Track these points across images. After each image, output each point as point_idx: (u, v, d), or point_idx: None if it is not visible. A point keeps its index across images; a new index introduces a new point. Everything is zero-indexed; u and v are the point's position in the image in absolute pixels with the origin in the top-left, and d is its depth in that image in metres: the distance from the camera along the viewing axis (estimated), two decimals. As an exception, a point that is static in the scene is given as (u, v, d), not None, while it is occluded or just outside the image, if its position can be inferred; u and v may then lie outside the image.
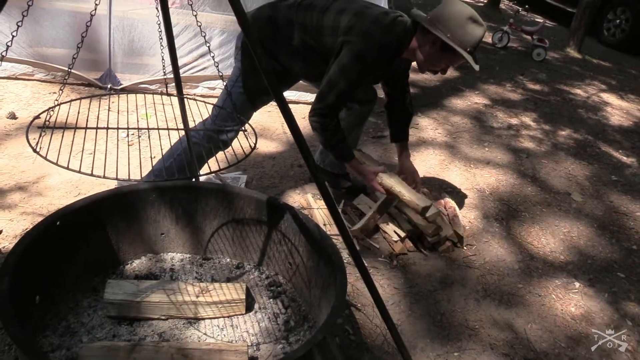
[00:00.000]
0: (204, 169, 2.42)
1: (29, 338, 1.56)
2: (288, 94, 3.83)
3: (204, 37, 1.58)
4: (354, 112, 2.77)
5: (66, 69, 3.57)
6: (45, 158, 1.26)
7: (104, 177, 1.24)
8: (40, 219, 2.19)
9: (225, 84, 2.01)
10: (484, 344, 2.14)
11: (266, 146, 3.40)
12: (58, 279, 1.77)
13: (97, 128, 1.55)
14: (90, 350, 1.55)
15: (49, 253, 1.69)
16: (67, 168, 1.18)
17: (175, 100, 2.05)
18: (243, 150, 1.48)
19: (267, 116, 3.80)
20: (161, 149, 2.16)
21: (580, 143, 4.33)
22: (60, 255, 1.75)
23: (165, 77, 2.21)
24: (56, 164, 1.21)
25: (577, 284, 2.59)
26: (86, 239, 1.86)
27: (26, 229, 2.31)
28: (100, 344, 1.59)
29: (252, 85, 2.29)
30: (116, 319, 1.77)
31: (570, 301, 2.47)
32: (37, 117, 1.49)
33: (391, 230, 2.59)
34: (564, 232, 3.02)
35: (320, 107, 2.19)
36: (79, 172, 1.25)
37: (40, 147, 1.31)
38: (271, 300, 1.97)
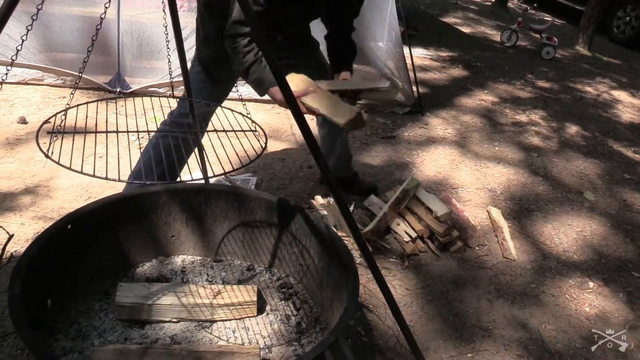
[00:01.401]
0: (211, 172, 2.40)
1: (41, 342, 1.56)
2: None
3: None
4: (327, 123, 2.61)
5: (75, 73, 3.60)
6: (57, 163, 1.26)
7: (119, 180, 1.24)
8: (51, 222, 2.19)
9: (235, 85, 1.99)
10: (497, 345, 2.11)
11: (275, 148, 3.40)
12: (69, 283, 1.77)
13: (107, 132, 1.55)
14: (102, 353, 1.54)
15: (60, 256, 1.69)
16: (81, 172, 1.18)
17: (184, 102, 2.05)
18: (255, 151, 1.47)
19: (275, 117, 3.80)
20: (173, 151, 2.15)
21: (591, 141, 4.29)
22: (71, 258, 1.75)
23: (172, 80, 2.21)
24: (69, 168, 1.21)
25: (591, 284, 2.56)
26: (97, 242, 1.86)
27: (37, 233, 2.32)
28: (112, 347, 1.59)
29: (206, 56, 2.20)
30: (127, 322, 1.77)
31: (585, 301, 2.44)
32: (47, 121, 1.50)
33: (402, 230, 2.57)
34: (577, 231, 2.99)
35: (227, 26, 1.95)
36: (94, 175, 1.24)
37: (52, 152, 1.31)
38: (283, 302, 1.95)
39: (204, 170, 2.28)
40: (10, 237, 2.11)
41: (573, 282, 2.55)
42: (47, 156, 1.31)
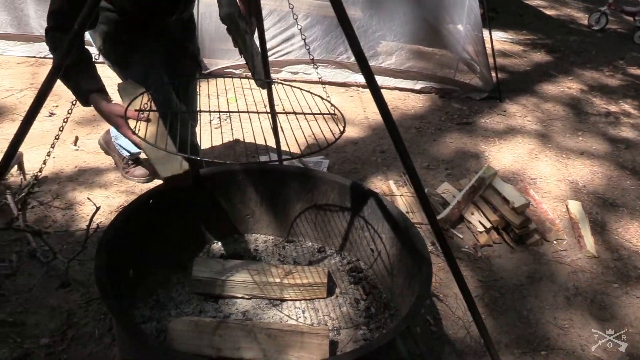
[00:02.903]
0: (286, 154, 2.42)
1: (124, 309, 1.64)
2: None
3: (296, 19, 1.58)
4: None
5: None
6: (144, 140, 1.30)
7: (200, 159, 1.27)
8: (133, 197, 2.29)
9: (315, 67, 1.94)
10: (574, 345, 2.02)
11: (348, 131, 3.38)
12: (149, 255, 1.85)
13: (188, 112, 1.59)
14: (179, 324, 1.60)
15: (141, 230, 1.76)
16: (165, 150, 1.22)
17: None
18: (333, 134, 1.46)
19: (349, 101, 3.78)
20: (252, 132, 2.16)
21: (687, 134, 3.98)
22: (151, 232, 1.82)
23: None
24: (155, 145, 1.25)
25: (681, 287, 2.39)
26: (176, 218, 1.92)
27: (120, 206, 2.44)
28: (188, 319, 1.65)
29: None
30: (202, 296, 1.83)
31: (673, 305, 2.29)
32: (132, 101, 1.56)
33: (476, 220, 2.50)
34: (667, 230, 2.79)
35: (47, 18, 1.66)
36: (177, 153, 1.28)
37: (139, 130, 1.36)
38: (352, 285, 1.96)
39: (278, 151, 2.30)
40: (97, 209, 2.22)
41: (660, 284, 2.40)
42: (134, 133, 1.37)
